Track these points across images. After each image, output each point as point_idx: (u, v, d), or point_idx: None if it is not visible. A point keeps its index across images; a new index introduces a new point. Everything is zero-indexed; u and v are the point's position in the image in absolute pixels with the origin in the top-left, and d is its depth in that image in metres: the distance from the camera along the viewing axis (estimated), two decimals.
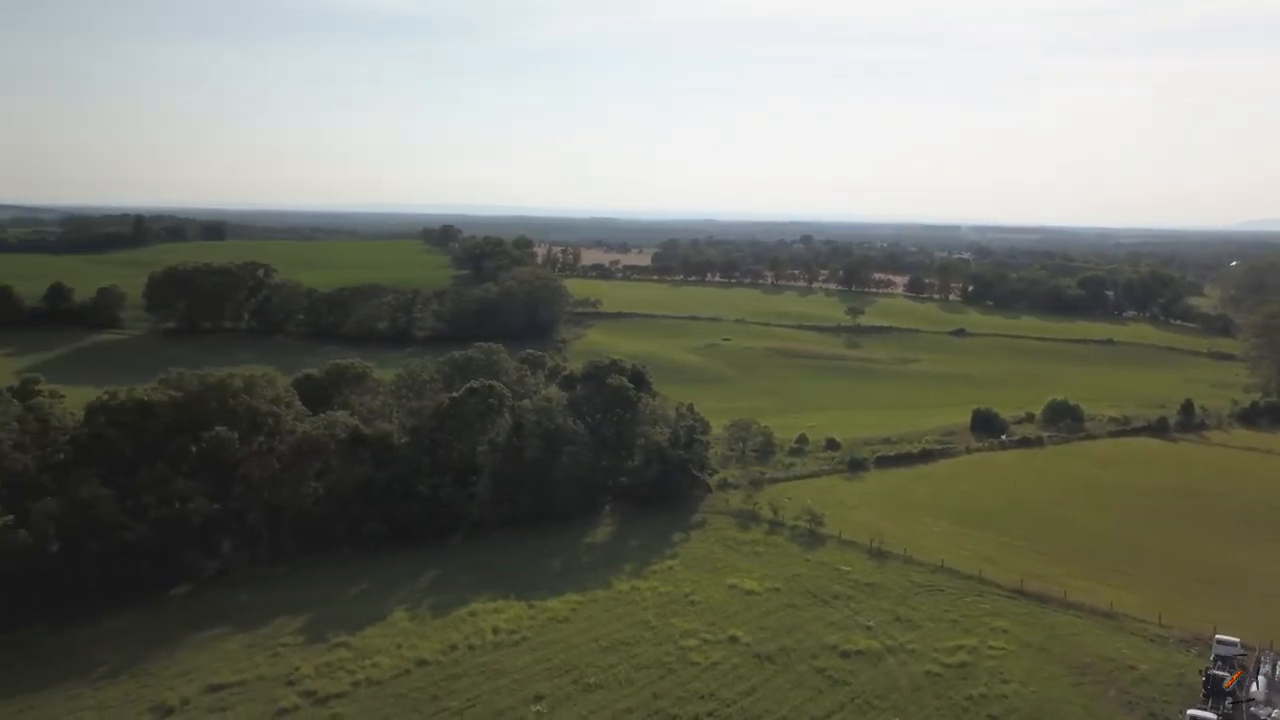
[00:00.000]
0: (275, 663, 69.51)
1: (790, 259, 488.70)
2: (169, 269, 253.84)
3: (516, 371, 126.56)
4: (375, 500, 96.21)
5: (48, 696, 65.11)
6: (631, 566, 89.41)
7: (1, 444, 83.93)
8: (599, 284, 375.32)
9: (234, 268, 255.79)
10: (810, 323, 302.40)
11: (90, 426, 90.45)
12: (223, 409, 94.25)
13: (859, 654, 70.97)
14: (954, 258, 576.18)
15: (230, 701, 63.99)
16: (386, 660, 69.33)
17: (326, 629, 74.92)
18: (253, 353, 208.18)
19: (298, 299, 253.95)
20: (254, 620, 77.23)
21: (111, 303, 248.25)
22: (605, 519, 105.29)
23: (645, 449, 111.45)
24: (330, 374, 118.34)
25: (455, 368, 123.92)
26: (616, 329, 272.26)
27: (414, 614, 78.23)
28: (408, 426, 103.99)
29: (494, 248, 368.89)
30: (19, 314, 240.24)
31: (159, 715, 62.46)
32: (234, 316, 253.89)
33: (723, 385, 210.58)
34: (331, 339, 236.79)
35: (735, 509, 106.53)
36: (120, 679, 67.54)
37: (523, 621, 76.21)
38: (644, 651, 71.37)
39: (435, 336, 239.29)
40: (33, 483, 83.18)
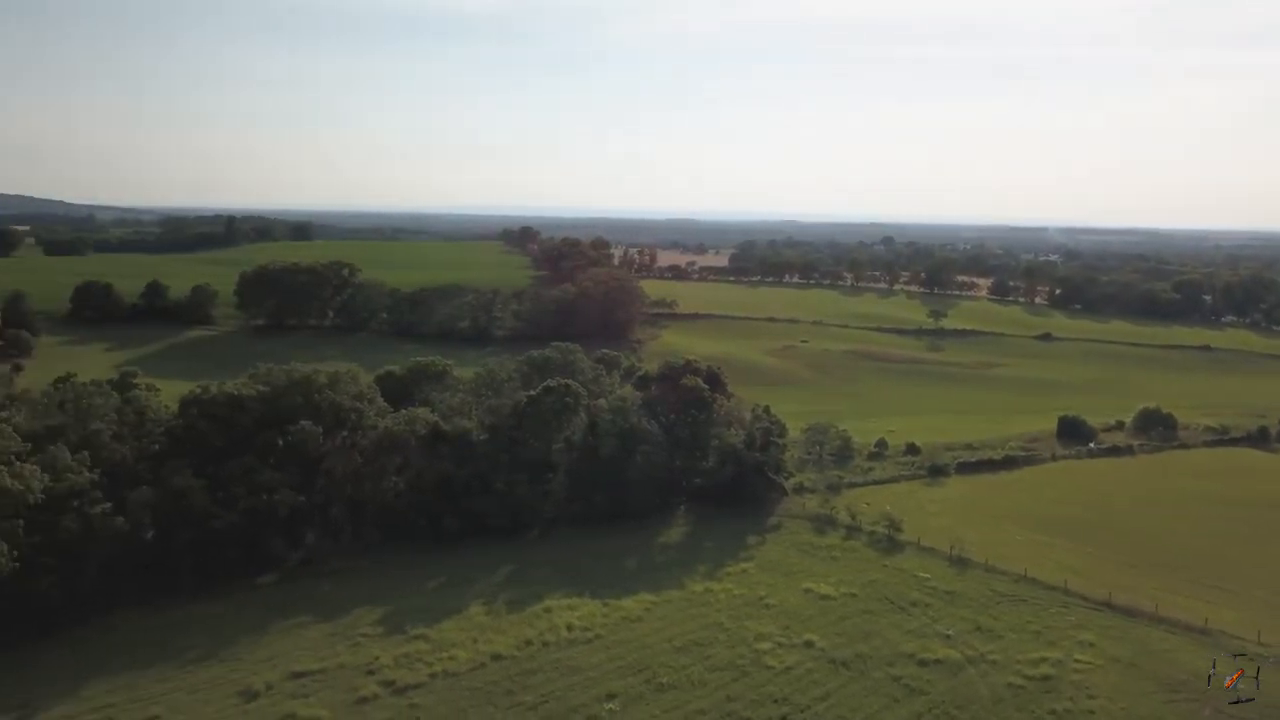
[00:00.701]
0: (356, 652, 71.03)
1: (870, 260, 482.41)
2: (259, 268, 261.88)
3: (592, 371, 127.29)
4: (454, 496, 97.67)
5: (141, 677, 67.56)
6: (705, 568, 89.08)
7: (101, 434, 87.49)
8: (675, 285, 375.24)
9: (320, 267, 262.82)
10: (890, 325, 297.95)
11: (184, 419, 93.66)
12: (308, 404, 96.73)
13: (937, 663, 69.46)
14: (1040, 260, 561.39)
15: (312, 688, 65.56)
16: (463, 653, 70.27)
17: (405, 621, 76.29)
18: (337, 350, 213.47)
19: (381, 298, 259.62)
20: (336, 610, 79.08)
21: (204, 300, 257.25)
22: (679, 520, 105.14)
23: (720, 450, 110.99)
24: (411, 371, 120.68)
25: (533, 367, 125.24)
26: (692, 330, 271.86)
27: (490, 609, 79.17)
28: (486, 424, 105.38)
29: (571, 249, 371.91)
30: (119, 310, 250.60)
31: (245, 699, 64.24)
32: (319, 314, 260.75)
33: (800, 388, 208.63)
34: (413, 337, 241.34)
35: (811, 513, 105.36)
36: (209, 663, 69.76)
37: (596, 619, 76.50)
38: (718, 653, 71.02)
39: (514, 336, 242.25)
40: (129, 472, 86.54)
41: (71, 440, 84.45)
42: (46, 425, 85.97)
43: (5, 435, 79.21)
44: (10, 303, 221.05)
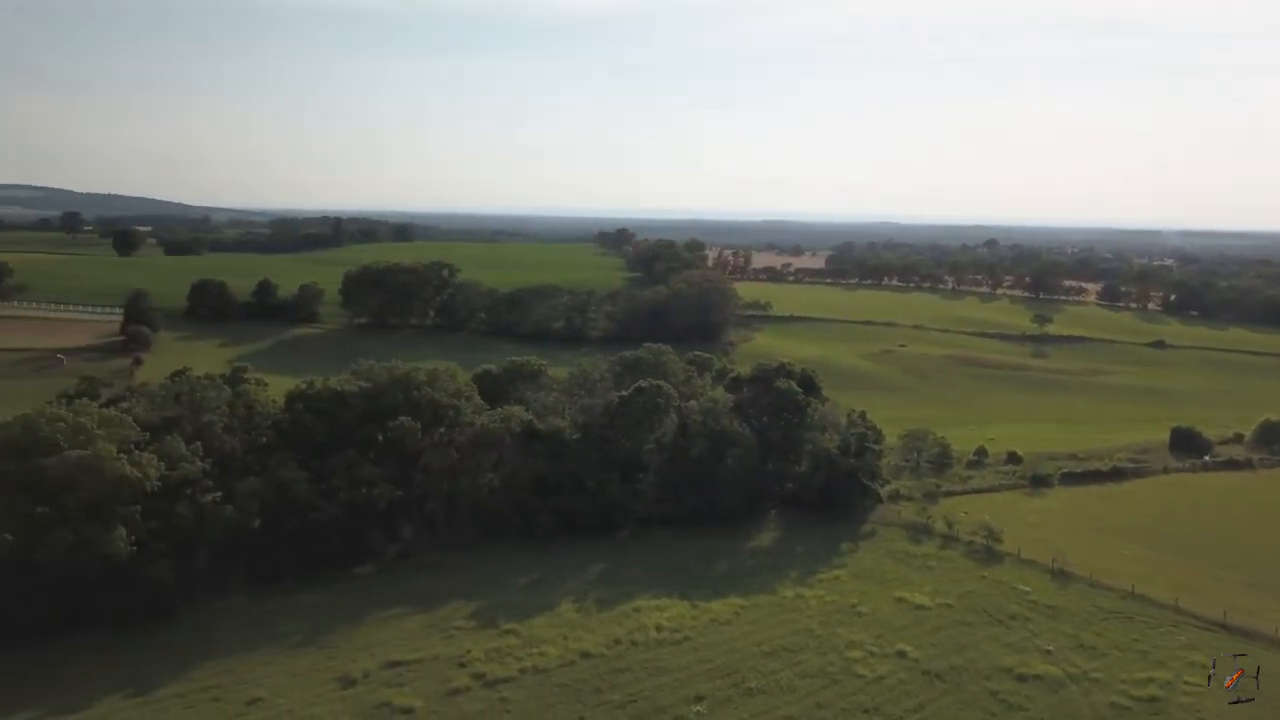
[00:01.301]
0: (449, 644, 72.46)
1: (973, 264, 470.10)
2: (363, 268, 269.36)
3: (684, 372, 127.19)
4: (546, 493, 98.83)
5: (246, 660, 70.25)
6: (796, 573, 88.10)
7: (213, 426, 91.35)
8: (769, 287, 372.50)
9: (421, 267, 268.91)
10: (993, 330, 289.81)
11: (290, 413, 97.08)
12: (408, 400, 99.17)
13: (1036, 679, 67.18)
14: (1154, 264, 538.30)
15: (407, 678, 67.12)
16: (553, 650, 70.99)
17: (497, 615, 77.49)
18: (436, 348, 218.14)
19: (479, 298, 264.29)
20: (430, 602, 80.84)
21: (311, 299, 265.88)
22: (770, 524, 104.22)
23: (813, 455, 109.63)
24: (507, 370, 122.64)
25: (625, 367, 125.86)
26: (786, 332, 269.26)
27: (580, 606, 79.82)
28: (579, 423, 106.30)
29: (665, 250, 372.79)
30: (232, 308, 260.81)
31: (343, 685, 66.17)
32: (420, 314, 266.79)
33: (897, 393, 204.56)
34: (510, 337, 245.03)
35: (907, 521, 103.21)
36: (309, 649, 72.10)
37: (686, 621, 76.38)
38: (807, 660, 70.12)
39: (607, 336, 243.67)
40: (239, 463, 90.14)
41: (186, 431, 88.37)
42: (163, 416, 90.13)
43: (126, 425, 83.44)
44: (132, 300, 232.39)
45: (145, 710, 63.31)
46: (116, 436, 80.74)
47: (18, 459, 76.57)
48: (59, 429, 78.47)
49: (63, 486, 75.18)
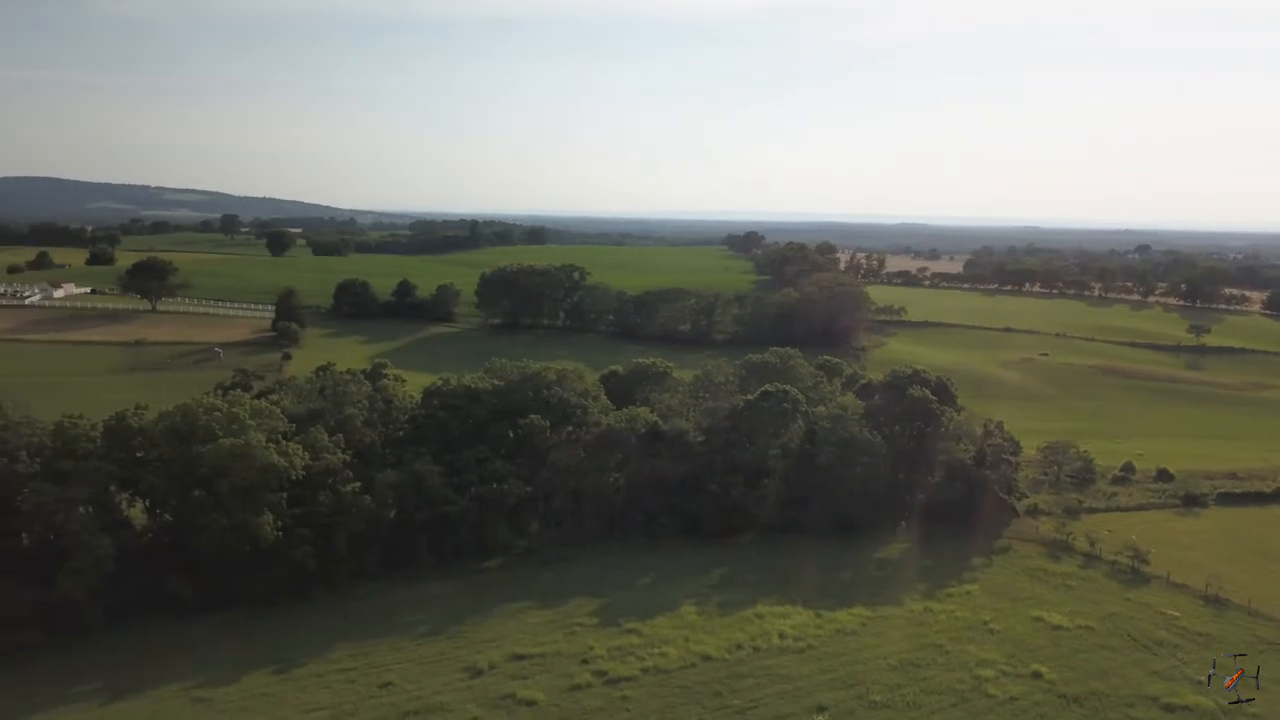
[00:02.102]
0: (572, 640, 73.41)
1: (1122, 270, 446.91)
2: (497, 270, 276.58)
3: (812, 377, 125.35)
4: (670, 494, 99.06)
5: (378, 645, 72.93)
6: (925, 586, 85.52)
7: (354, 419, 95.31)
8: (904, 291, 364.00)
9: (552, 270, 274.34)
10: (1143, 340, 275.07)
11: (425, 408, 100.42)
12: (537, 399, 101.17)
13: (1185, 709, 63.11)
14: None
15: (530, 671, 68.34)
16: (674, 651, 71.00)
17: (619, 614, 78.06)
18: (565, 349, 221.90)
19: (608, 300, 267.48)
20: (555, 597, 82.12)
21: (448, 299, 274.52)
22: (899, 534, 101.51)
23: (946, 465, 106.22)
24: (633, 372, 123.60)
25: (751, 371, 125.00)
26: (920, 338, 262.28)
27: (702, 609, 79.56)
28: (703, 426, 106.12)
29: (795, 253, 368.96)
30: (374, 306, 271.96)
31: (469, 675, 67.88)
32: (551, 315, 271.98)
33: (1037, 403, 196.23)
34: (636, 339, 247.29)
35: (1045, 537, 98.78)
36: (437, 639, 74.29)
37: (809, 629, 75.13)
38: (935, 676, 67.90)
39: (733, 340, 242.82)
40: (377, 455, 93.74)
41: (329, 423, 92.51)
42: (309, 409, 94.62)
43: (275, 417, 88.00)
44: (283, 298, 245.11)
45: (287, 686, 66.55)
46: (266, 427, 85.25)
47: (178, 445, 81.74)
48: (215, 418, 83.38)
49: (217, 472, 79.81)
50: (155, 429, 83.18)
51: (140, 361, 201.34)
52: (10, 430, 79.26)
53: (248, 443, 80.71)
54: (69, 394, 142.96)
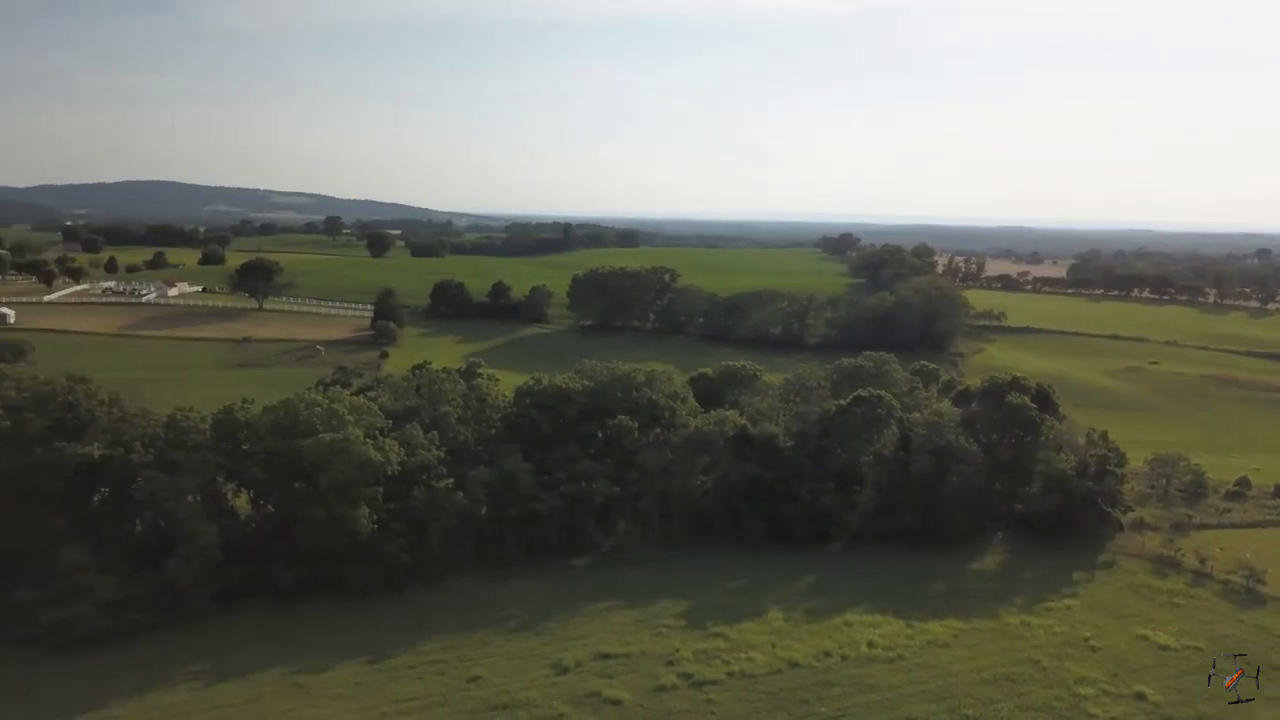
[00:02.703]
0: (658, 641, 73.45)
1: (1240, 275, 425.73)
2: (589, 271, 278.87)
3: (907, 383, 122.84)
4: (758, 499, 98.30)
5: (468, 639, 74.25)
6: (1022, 600, 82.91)
7: (448, 417, 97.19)
8: (1004, 296, 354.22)
9: (643, 271, 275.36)
10: (1262, 349, 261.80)
11: (517, 407, 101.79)
12: (626, 400, 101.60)
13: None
14: None
15: (616, 670, 68.62)
16: (760, 656, 70.41)
17: (706, 617, 77.77)
18: (655, 351, 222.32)
19: (698, 302, 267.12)
20: (641, 598, 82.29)
21: (541, 300, 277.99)
22: (995, 546, 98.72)
23: (1046, 476, 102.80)
24: (723, 374, 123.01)
25: (844, 375, 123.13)
26: (1021, 345, 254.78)
27: (789, 615, 78.72)
28: (793, 430, 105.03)
29: (891, 256, 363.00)
30: (469, 307, 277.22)
31: (556, 672, 68.53)
32: (641, 316, 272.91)
33: (1144, 414, 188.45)
34: (727, 341, 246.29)
35: (1151, 553, 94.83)
36: (526, 634, 75.23)
37: (899, 640, 73.63)
38: (1031, 692, 65.74)
39: (826, 343, 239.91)
40: (469, 452, 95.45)
41: (424, 420, 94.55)
42: (405, 406, 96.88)
43: (372, 413, 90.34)
44: (382, 298, 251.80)
45: (379, 675, 68.27)
46: (364, 423, 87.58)
47: (281, 439, 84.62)
48: (316, 413, 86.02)
49: (317, 466, 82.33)
50: (260, 423, 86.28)
51: (247, 358, 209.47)
52: (126, 422, 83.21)
53: (346, 438, 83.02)
54: (181, 388, 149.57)
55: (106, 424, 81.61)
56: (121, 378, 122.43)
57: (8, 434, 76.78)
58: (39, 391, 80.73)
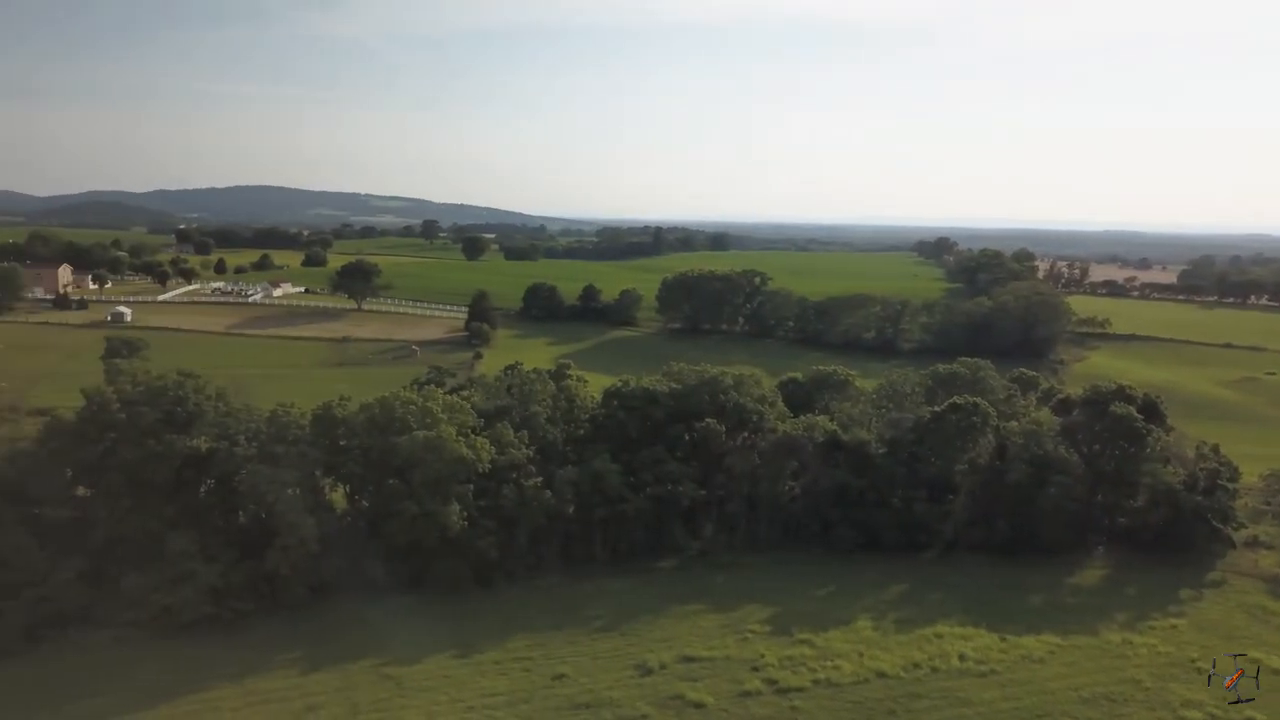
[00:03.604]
0: (743, 646, 72.91)
1: None
2: (678, 275, 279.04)
3: (1004, 391, 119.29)
4: (848, 505, 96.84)
5: (554, 637, 74.92)
6: (1125, 617, 79.66)
7: (538, 417, 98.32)
8: (1109, 302, 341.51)
9: (734, 275, 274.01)
10: None
11: (605, 408, 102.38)
12: (714, 403, 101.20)
13: None
14: None
15: (700, 674, 68.34)
16: (847, 665, 69.25)
17: (792, 623, 76.91)
18: (744, 354, 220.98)
19: (789, 306, 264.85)
20: (727, 602, 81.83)
21: (630, 304, 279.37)
22: (1096, 560, 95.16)
23: (1151, 489, 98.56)
24: (813, 379, 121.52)
25: (938, 381, 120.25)
26: (1126, 352, 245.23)
27: (878, 624, 77.29)
28: (885, 437, 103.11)
29: (989, 260, 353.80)
30: (560, 310, 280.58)
31: (640, 673, 68.61)
32: (730, 320, 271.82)
33: (1261, 427, 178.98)
34: (817, 346, 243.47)
35: (1267, 573, 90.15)
36: (610, 634, 75.53)
37: (993, 653, 71.51)
38: (1133, 714, 63.10)
39: (920, 349, 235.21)
40: (558, 452, 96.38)
41: (514, 420, 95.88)
42: (496, 405, 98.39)
43: (465, 412, 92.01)
44: (476, 300, 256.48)
45: (467, 670, 69.43)
46: (457, 421, 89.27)
47: (376, 435, 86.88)
48: (410, 411, 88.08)
49: (410, 462, 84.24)
50: (357, 419, 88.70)
51: (346, 356, 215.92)
52: (231, 416, 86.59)
53: (439, 435, 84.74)
54: (283, 385, 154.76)
55: (213, 418, 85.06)
56: (228, 374, 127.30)
57: (123, 426, 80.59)
58: (152, 386, 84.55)
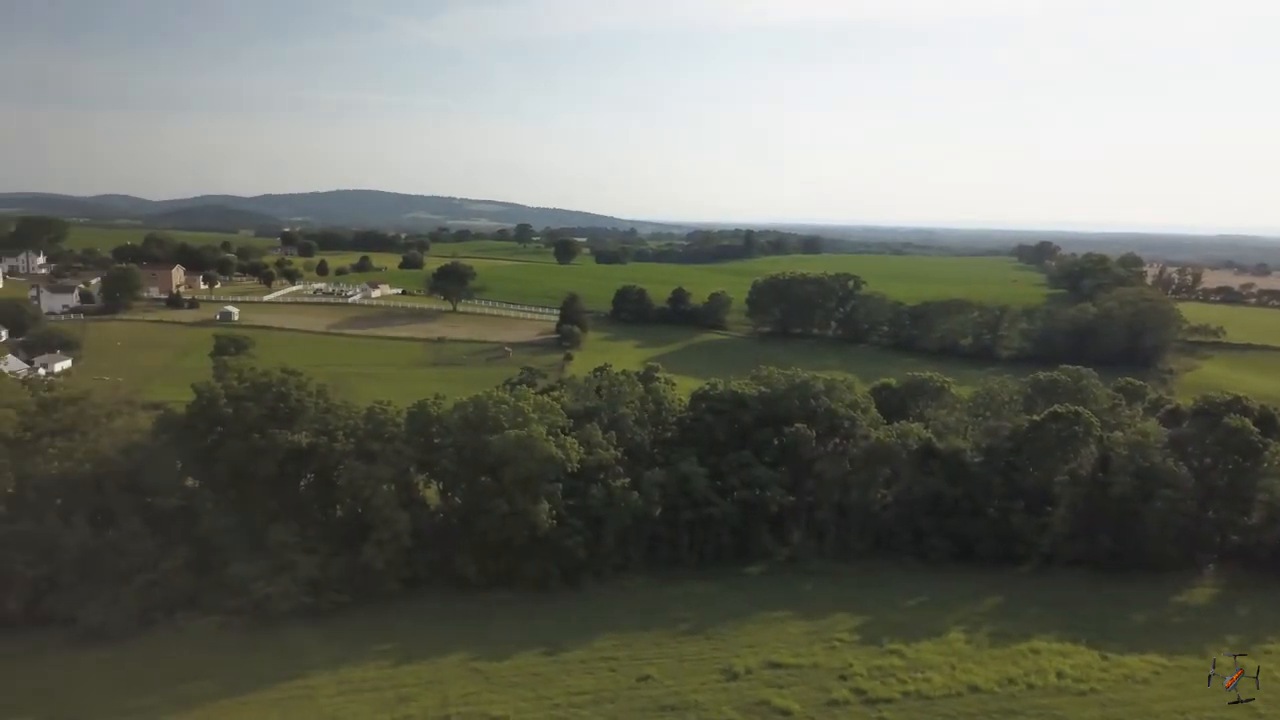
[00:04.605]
0: (830, 655, 71.85)
1: None
2: (769, 278, 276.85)
3: (1108, 400, 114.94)
4: (941, 515, 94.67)
5: (639, 638, 75.04)
6: (1236, 639, 75.80)
7: (626, 419, 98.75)
8: (1224, 310, 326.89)
9: (826, 278, 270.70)
10: None
11: (693, 410, 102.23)
12: (804, 408, 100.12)
13: None
14: None
15: (787, 681, 67.59)
16: (938, 678, 67.59)
17: (882, 633, 75.50)
18: (836, 359, 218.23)
19: (883, 310, 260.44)
20: (814, 610, 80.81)
21: (720, 307, 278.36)
22: (1206, 579, 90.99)
23: (1269, 506, 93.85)
24: (907, 385, 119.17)
25: (1038, 389, 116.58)
26: (1241, 363, 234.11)
27: (971, 637, 75.25)
28: (982, 446, 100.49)
29: (1094, 265, 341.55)
30: (649, 312, 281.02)
31: (726, 678, 68.19)
32: (822, 324, 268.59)
33: None
34: (912, 351, 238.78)
35: None
36: (696, 638, 75.28)
37: (1092, 672, 68.89)
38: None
39: (1020, 356, 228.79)
40: (645, 454, 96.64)
41: (603, 421, 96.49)
42: (585, 406, 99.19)
43: (555, 412, 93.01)
44: (567, 302, 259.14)
45: (554, 668, 70.05)
46: (547, 421, 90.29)
47: (469, 433, 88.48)
48: (502, 410, 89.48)
49: (502, 461, 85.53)
50: (450, 418, 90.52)
51: (441, 357, 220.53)
52: (331, 413, 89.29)
53: (530, 435, 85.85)
54: (380, 383, 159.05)
55: (314, 414, 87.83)
56: (328, 372, 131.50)
57: (229, 420, 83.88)
58: (257, 382, 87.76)
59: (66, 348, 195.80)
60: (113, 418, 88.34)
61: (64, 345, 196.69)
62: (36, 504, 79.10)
